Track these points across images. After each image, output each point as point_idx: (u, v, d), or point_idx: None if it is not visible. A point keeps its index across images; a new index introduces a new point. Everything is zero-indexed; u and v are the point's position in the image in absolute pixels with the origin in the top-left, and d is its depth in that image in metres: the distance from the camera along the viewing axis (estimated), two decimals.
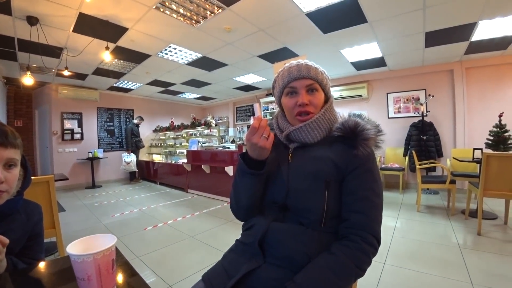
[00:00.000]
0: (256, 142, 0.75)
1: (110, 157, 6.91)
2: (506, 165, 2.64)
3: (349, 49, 4.20)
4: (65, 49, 3.87)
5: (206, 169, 4.93)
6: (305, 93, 0.83)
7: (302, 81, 0.83)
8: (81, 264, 0.54)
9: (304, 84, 0.83)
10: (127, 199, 4.87)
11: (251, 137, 0.76)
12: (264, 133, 0.75)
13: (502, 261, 2.14)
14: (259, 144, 0.75)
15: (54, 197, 2.03)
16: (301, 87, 0.83)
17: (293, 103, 0.84)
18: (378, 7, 2.92)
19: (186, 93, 7.63)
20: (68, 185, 5.93)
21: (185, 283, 1.93)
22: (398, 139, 5.32)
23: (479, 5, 2.83)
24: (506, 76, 4.49)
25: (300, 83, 0.83)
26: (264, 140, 0.75)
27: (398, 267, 2.12)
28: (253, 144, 0.76)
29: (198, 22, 3.23)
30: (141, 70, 5.18)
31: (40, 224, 0.95)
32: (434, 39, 3.78)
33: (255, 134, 0.75)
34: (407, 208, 3.84)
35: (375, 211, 0.76)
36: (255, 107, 0.81)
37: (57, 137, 6.08)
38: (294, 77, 0.83)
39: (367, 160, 0.78)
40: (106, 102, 6.96)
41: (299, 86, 0.83)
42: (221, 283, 0.77)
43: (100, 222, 3.50)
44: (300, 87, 0.83)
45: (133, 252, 2.47)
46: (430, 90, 5.06)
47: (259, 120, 0.76)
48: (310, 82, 0.83)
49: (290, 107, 0.85)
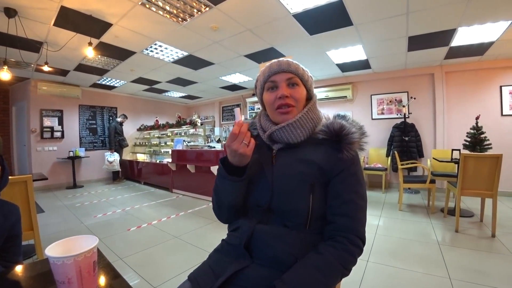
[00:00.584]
0: (236, 149, 0.73)
1: (92, 156, 6.70)
2: (481, 166, 2.77)
3: (334, 51, 4.27)
4: (45, 44, 3.72)
5: (191, 169, 4.88)
6: (285, 86, 0.82)
7: (282, 74, 0.83)
8: (61, 266, 0.53)
9: (284, 78, 0.82)
10: (110, 200, 4.75)
11: (231, 143, 0.74)
12: (244, 139, 0.74)
13: (478, 257, 2.25)
14: (239, 151, 0.73)
15: (32, 197, 1.95)
16: (281, 80, 0.83)
17: (273, 97, 0.84)
18: (364, 10, 2.98)
19: (171, 92, 7.51)
20: (47, 185, 5.71)
21: (170, 284, 1.90)
22: (381, 140, 5.46)
23: (458, 13, 2.95)
24: (483, 81, 4.71)
25: (280, 77, 0.83)
26: (244, 147, 0.74)
27: (380, 264, 2.18)
28: (233, 151, 0.74)
29: (185, 20, 3.19)
30: (126, 67, 5.06)
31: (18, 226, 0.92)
32: (416, 44, 3.91)
33: (235, 141, 0.74)
34: (390, 207, 3.95)
35: (360, 213, 0.78)
36: (236, 112, 0.78)
37: (35, 135, 5.83)
38: (274, 71, 0.83)
39: (351, 163, 0.79)
40: (88, 99, 6.75)
41: (279, 80, 0.83)
42: (208, 283, 0.76)
43: (82, 223, 3.39)
44: (280, 81, 0.83)
45: (116, 254, 2.41)
46: (412, 93, 5.23)
47: (239, 126, 0.74)
48: (290, 76, 0.82)
49: (271, 101, 0.84)
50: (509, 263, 2.13)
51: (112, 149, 6.61)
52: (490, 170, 2.73)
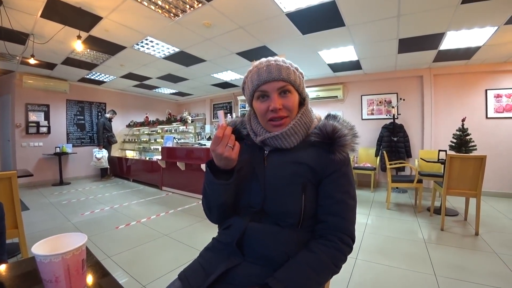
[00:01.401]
0: (221, 153, 0.72)
1: (80, 153, 6.56)
2: (466, 166, 2.85)
3: (326, 51, 4.30)
4: (32, 35, 3.60)
5: (181, 166, 4.84)
6: (277, 97, 0.78)
7: (273, 83, 0.77)
8: (48, 265, 0.51)
9: (276, 87, 0.77)
10: (97, 197, 4.66)
11: (215, 147, 0.72)
12: (229, 143, 0.72)
13: (462, 254, 2.32)
14: (224, 155, 0.72)
15: (16, 194, 1.90)
16: (273, 90, 0.77)
17: (265, 108, 0.79)
18: (356, 11, 3.01)
19: (162, 88, 7.41)
20: (32, 182, 5.56)
21: (160, 282, 1.89)
22: (371, 140, 5.55)
23: (447, 17, 3.02)
24: (469, 84, 4.84)
25: (271, 86, 0.77)
26: (229, 150, 0.72)
27: (368, 261, 2.22)
28: (218, 155, 0.73)
29: (177, 16, 3.15)
30: (115, 62, 4.96)
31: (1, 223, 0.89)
32: (407, 46, 3.98)
33: (219, 144, 0.72)
34: (378, 205, 4.03)
35: (350, 213, 0.79)
36: (219, 114, 0.76)
37: (20, 130, 5.65)
38: (264, 79, 0.77)
39: (343, 164, 0.80)
40: (76, 94, 6.58)
41: (271, 90, 0.78)
42: (199, 281, 0.76)
43: (68, 221, 3.32)
44: (272, 91, 0.78)
45: (104, 252, 2.38)
46: (402, 94, 5.32)
47: (223, 129, 0.72)
48: (282, 85, 0.77)
49: (262, 112, 0.80)
50: (491, 260, 2.21)
51: (101, 145, 6.46)
52: (475, 171, 2.82)
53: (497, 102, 4.64)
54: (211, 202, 0.83)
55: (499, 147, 4.58)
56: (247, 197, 0.83)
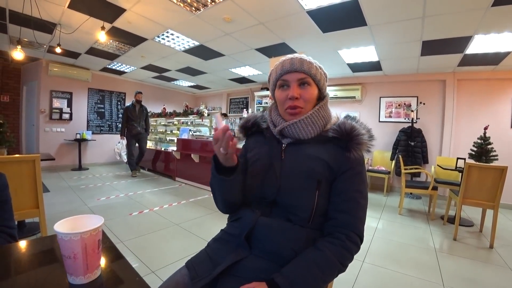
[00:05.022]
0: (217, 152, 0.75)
1: (98, 140, 6.79)
2: (485, 176, 2.75)
3: (346, 50, 4.23)
4: (59, 25, 3.75)
5: (195, 158, 4.92)
6: (296, 87, 0.83)
7: (294, 74, 0.82)
8: (68, 242, 0.55)
9: (296, 78, 0.82)
10: (113, 184, 4.83)
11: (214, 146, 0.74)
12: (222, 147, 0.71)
13: (474, 266, 2.25)
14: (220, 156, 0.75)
15: (39, 176, 2.00)
16: (293, 80, 0.83)
17: (284, 96, 0.84)
18: (379, 11, 2.94)
19: (180, 81, 7.54)
20: (53, 166, 5.82)
21: (168, 269, 1.95)
22: (387, 143, 5.43)
23: (476, 20, 2.89)
24: (495, 91, 4.62)
25: (292, 77, 0.83)
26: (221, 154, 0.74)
27: (376, 265, 2.20)
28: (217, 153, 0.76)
29: (198, 10, 3.19)
30: (136, 53, 5.08)
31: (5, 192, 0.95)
32: (430, 49, 3.85)
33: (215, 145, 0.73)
34: (390, 210, 3.95)
35: (360, 211, 0.80)
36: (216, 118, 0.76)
37: (44, 115, 5.92)
38: (286, 70, 0.83)
39: (357, 163, 0.81)
40: (98, 83, 6.80)
41: (291, 80, 0.83)
42: (205, 271, 0.78)
43: (85, 205, 3.46)
44: (292, 81, 0.83)
45: (117, 237, 2.47)
46: (422, 98, 5.16)
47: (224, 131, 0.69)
48: (302, 76, 0.82)
49: (282, 100, 0.86)
50: (504, 274, 2.13)
51: (121, 135, 5.75)
52: (494, 182, 2.71)
53: None
54: (216, 194, 0.88)
55: None
56: (261, 188, 0.85)
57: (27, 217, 2.09)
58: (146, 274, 1.89)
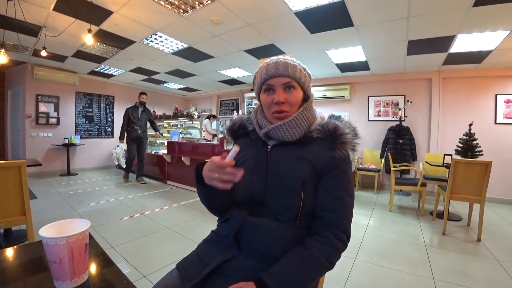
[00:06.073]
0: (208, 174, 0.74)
1: (87, 144, 6.67)
2: (471, 171, 2.82)
3: (334, 50, 4.28)
4: (44, 28, 3.68)
5: (186, 161, 4.89)
6: (281, 91, 0.83)
7: (279, 79, 0.83)
8: (53, 247, 0.55)
9: (281, 82, 0.83)
10: (103, 188, 4.75)
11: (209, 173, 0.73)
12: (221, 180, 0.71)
13: (463, 260, 2.31)
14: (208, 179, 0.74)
15: (25, 183, 1.95)
16: (278, 85, 0.83)
17: (270, 101, 0.85)
18: (365, 12, 2.99)
19: (169, 83, 7.48)
20: (40, 172, 5.68)
21: (160, 273, 1.93)
22: (376, 141, 5.52)
23: (458, 20, 2.98)
24: (479, 88, 4.76)
25: (277, 81, 0.83)
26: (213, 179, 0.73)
27: (367, 262, 2.23)
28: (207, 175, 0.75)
29: (186, 12, 3.18)
30: (125, 56, 5.02)
31: None
32: (416, 48, 3.93)
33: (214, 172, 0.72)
34: (380, 207, 4.01)
35: (346, 210, 0.81)
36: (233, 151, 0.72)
37: (30, 120, 5.77)
38: (271, 74, 0.83)
39: (342, 162, 0.82)
40: (85, 87, 6.68)
41: (276, 84, 0.83)
42: (195, 272, 0.78)
43: (74, 210, 3.39)
44: (277, 85, 0.83)
45: (108, 242, 2.43)
46: (409, 96, 5.27)
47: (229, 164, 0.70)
48: (287, 80, 0.83)
49: (267, 104, 0.86)
50: (491, 266, 2.19)
51: (121, 139, 5.43)
52: (479, 176, 2.79)
53: (507, 108, 4.56)
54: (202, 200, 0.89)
55: (507, 153, 4.50)
56: (248, 190, 0.85)
57: (14, 224, 2.04)
58: (138, 279, 1.87)
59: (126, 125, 5.28)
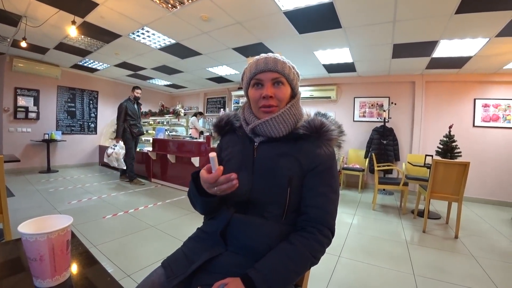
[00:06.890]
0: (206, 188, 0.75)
1: (69, 141, 6.44)
2: (450, 171, 2.94)
3: (322, 51, 4.34)
4: (24, 18, 3.52)
5: (171, 159, 4.82)
6: (270, 86, 0.84)
7: (268, 73, 0.83)
8: (33, 243, 0.53)
9: (270, 77, 0.83)
10: (86, 186, 4.61)
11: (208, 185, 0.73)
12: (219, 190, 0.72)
13: (441, 256, 2.41)
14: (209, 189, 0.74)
15: (2, 179, 1.87)
16: (267, 79, 0.84)
17: (258, 95, 0.85)
18: (353, 14, 3.05)
19: (156, 79, 7.33)
20: (19, 168, 5.45)
21: (145, 272, 1.89)
22: (361, 142, 5.64)
23: (441, 26, 3.08)
24: (459, 93, 4.95)
25: (266, 76, 0.84)
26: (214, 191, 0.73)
27: (351, 259, 2.28)
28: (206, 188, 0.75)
29: (175, 7, 3.12)
30: (110, 50, 4.89)
31: None
32: (401, 51, 4.04)
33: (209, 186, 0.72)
34: (364, 206, 4.11)
35: (331, 205, 0.82)
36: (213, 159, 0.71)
37: (8, 114, 5.52)
38: (260, 69, 0.84)
39: (328, 158, 0.83)
40: (68, 80, 6.44)
41: (265, 79, 0.84)
42: (181, 269, 0.77)
43: (55, 209, 3.28)
44: (266, 80, 0.84)
45: (90, 241, 2.37)
46: (393, 98, 5.41)
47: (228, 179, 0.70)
48: (276, 76, 0.83)
49: (255, 98, 0.86)
50: (468, 262, 2.29)
51: (118, 137, 4.89)
52: (458, 176, 2.90)
53: (485, 112, 4.77)
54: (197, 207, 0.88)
55: (484, 155, 4.71)
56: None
57: None
58: (122, 278, 1.83)
59: (123, 122, 4.88)
